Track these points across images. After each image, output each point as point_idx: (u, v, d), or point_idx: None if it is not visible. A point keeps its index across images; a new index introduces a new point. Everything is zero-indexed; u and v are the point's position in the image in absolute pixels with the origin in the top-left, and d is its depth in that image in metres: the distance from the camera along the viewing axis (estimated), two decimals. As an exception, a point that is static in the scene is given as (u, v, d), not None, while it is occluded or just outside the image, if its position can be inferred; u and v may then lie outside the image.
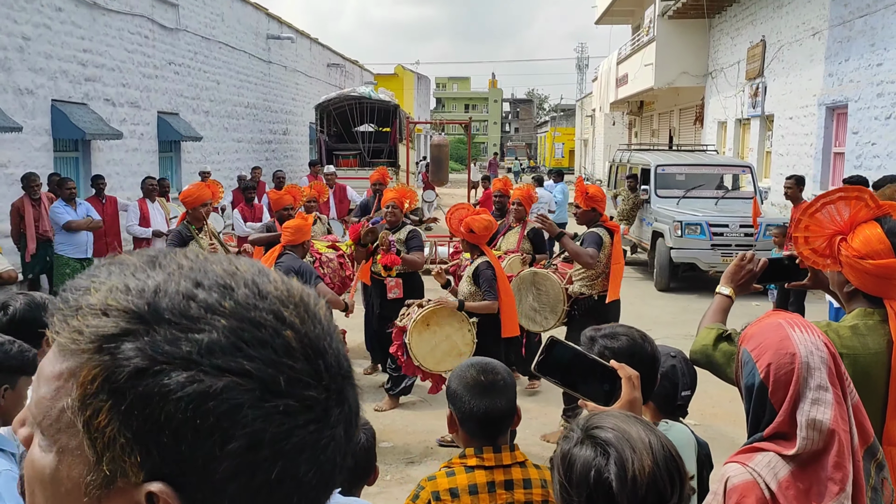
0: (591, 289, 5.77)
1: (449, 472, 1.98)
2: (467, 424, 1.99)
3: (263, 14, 18.93)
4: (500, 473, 1.97)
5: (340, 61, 26.75)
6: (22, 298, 2.57)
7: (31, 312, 2.54)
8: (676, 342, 8.52)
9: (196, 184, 6.58)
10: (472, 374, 2.01)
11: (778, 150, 14.59)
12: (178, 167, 14.25)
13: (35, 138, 9.52)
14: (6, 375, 2.13)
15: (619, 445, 1.29)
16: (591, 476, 1.28)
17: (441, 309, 5.04)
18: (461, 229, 5.26)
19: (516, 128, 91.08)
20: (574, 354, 1.87)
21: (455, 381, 2.02)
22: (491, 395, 1.97)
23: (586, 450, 1.29)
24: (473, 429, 1.99)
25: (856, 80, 11.27)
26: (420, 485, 2.01)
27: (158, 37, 13.05)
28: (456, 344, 4.99)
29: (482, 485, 1.95)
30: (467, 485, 1.94)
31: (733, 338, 2.33)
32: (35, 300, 2.58)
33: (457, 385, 2.01)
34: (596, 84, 32.01)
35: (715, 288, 2.54)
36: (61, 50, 10.13)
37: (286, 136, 21.01)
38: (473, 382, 1.98)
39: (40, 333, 2.21)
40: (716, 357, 2.32)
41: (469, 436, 2.00)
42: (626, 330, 2.08)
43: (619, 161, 14.93)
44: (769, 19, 15.13)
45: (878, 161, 10.38)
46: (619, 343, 2.01)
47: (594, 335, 2.06)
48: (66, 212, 8.36)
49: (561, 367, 1.87)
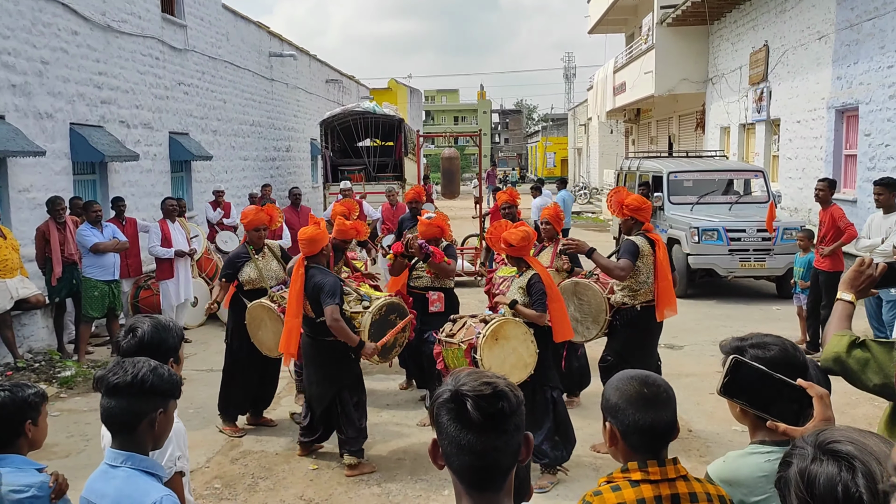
0: (634, 299, 5.77)
1: (614, 487, 1.94)
2: (631, 438, 1.95)
3: (265, 32, 18.98)
4: (665, 487, 1.93)
5: (338, 77, 26.81)
6: (149, 321, 2.59)
7: (159, 335, 2.55)
8: (705, 348, 8.63)
9: (253, 208, 6.63)
10: (634, 386, 1.97)
11: (786, 154, 14.70)
12: (189, 186, 14.22)
13: (55, 162, 9.48)
14: (161, 399, 2.13)
15: (863, 458, 1.28)
16: (839, 491, 1.26)
17: (506, 322, 5.04)
18: (501, 245, 5.26)
19: (506, 138, 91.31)
20: (760, 375, 1.85)
21: (615, 394, 1.98)
22: (656, 408, 1.94)
23: (828, 466, 1.27)
24: (637, 442, 1.95)
25: (866, 83, 11.38)
26: (586, 500, 1.96)
27: (168, 58, 13.05)
28: (522, 356, 4.99)
29: (649, 499, 1.91)
30: (635, 499, 1.91)
31: (867, 344, 2.34)
32: (161, 323, 2.59)
33: (618, 398, 1.97)
34: (591, 93, 32.17)
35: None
36: (78, 73, 10.11)
37: (289, 152, 21.01)
38: (637, 395, 1.95)
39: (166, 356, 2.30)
40: (850, 364, 2.32)
41: (631, 450, 1.96)
42: (774, 339, 2.05)
43: (627, 169, 15.00)
44: (771, 24, 15.28)
45: (893, 162, 10.48)
46: (771, 353, 1.99)
47: (741, 345, 2.03)
48: (94, 234, 8.33)
49: (747, 387, 1.85)
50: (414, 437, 6.18)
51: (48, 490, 2.38)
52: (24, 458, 2.49)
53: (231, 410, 6.40)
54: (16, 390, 2.50)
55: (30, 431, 2.50)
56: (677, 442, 3.87)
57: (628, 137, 30.08)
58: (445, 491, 5.12)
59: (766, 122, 15.70)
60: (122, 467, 2.14)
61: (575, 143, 45.86)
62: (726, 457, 2.14)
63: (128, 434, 2.14)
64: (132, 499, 2.09)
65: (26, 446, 2.51)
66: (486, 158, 72.61)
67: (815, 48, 13.19)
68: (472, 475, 1.45)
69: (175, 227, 9.34)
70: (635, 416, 1.93)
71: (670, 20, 18.60)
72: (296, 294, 5.30)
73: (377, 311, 5.42)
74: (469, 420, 1.41)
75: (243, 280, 6.30)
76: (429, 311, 6.45)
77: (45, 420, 2.59)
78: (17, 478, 2.39)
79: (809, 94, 13.47)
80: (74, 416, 6.86)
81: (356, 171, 17.00)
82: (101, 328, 9.52)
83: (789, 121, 14.48)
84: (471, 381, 1.45)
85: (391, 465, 5.62)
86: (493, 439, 1.42)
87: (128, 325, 2.60)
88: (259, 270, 6.29)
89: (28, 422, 2.49)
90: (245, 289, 6.31)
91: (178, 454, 2.57)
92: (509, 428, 1.44)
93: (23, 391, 2.50)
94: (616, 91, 25.26)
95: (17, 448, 2.48)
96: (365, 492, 5.20)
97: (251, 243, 6.39)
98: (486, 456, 1.43)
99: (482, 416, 1.41)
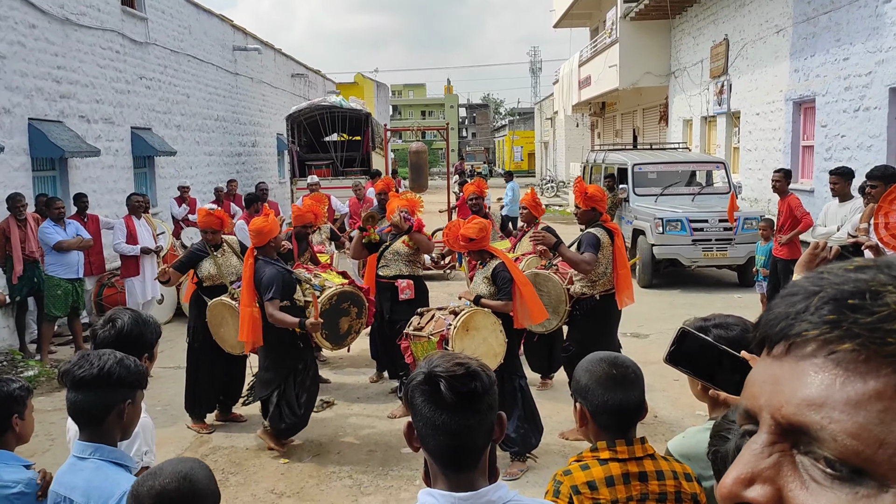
0: (593, 288, 5.86)
1: (583, 466, 2.00)
2: (600, 418, 2.01)
3: (229, 26, 18.75)
4: (633, 465, 1.99)
5: (304, 71, 26.60)
6: (129, 314, 2.59)
7: (138, 327, 2.55)
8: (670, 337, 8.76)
9: (204, 210, 6.62)
10: (603, 367, 2.03)
11: (746, 146, 14.99)
12: (152, 182, 14.02)
13: (14, 158, 9.29)
14: (128, 390, 2.13)
15: None
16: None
17: (476, 312, 5.09)
18: (460, 243, 5.28)
19: (473, 133, 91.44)
20: (704, 345, 1.92)
21: (584, 375, 2.04)
22: (624, 388, 2.00)
23: None
24: (606, 422, 2.01)
25: (822, 75, 11.66)
26: (557, 479, 2.02)
27: (129, 51, 12.85)
28: (492, 345, 5.05)
29: (618, 476, 1.97)
30: (604, 477, 1.97)
31: None
32: (141, 316, 2.60)
33: (588, 379, 2.03)
34: (557, 87, 32.40)
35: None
36: (36, 67, 9.91)
37: (255, 147, 20.82)
38: (606, 376, 2.01)
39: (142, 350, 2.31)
40: None
41: (601, 429, 2.03)
42: (736, 320, 2.12)
43: (593, 161, 15.15)
44: (731, 18, 15.55)
45: (849, 153, 10.76)
46: (733, 332, 2.05)
47: (705, 325, 2.09)
48: (56, 232, 8.19)
49: (691, 358, 1.93)
50: (385, 429, 6.21)
51: (36, 487, 2.36)
52: (11, 454, 2.46)
53: (198, 409, 6.37)
54: (1, 385, 2.46)
55: (17, 426, 2.48)
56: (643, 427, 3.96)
57: (594, 131, 30.36)
58: (417, 481, 5.16)
59: (727, 114, 15.99)
60: (90, 459, 2.14)
61: (542, 136, 46.15)
62: (685, 432, 2.21)
63: (97, 426, 2.14)
64: (102, 490, 2.09)
65: (14, 441, 2.48)
66: (453, 153, 72.65)
67: (774, 41, 13.46)
68: (447, 455, 1.49)
69: (141, 224, 9.22)
70: (605, 397, 1.99)
71: (633, 14, 18.81)
72: (246, 284, 5.48)
73: (327, 301, 5.57)
74: (443, 400, 1.45)
75: (203, 276, 6.25)
76: (399, 300, 6.43)
77: (30, 414, 2.56)
78: (4, 473, 2.38)
79: (768, 86, 13.74)
80: (39, 416, 6.68)
81: (323, 165, 16.90)
82: (63, 327, 9.36)
83: (749, 113, 14.76)
84: (444, 363, 1.49)
85: (362, 458, 5.65)
86: (467, 418, 1.47)
87: (107, 316, 2.61)
88: (218, 266, 6.25)
89: (14, 416, 2.47)
90: (205, 285, 6.27)
91: (144, 449, 2.57)
92: (482, 407, 1.49)
93: (7, 385, 2.47)
94: (581, 85, 25.47)
95: (4, 443, 2.45)
96: (336, 484, 5.22)
97: (207, 242, 6.34)
98: (461, 435, 1.47)
99: (456, 396, 1.45)
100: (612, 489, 1.97)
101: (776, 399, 0.58)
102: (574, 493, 1.96)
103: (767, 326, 0.62)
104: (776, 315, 0.61)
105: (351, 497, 5.03)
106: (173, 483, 1.66)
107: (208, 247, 6.32)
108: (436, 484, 1.52)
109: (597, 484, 1.97)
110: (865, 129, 10.42)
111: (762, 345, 0.63)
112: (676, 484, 2.01)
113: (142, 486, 1.68)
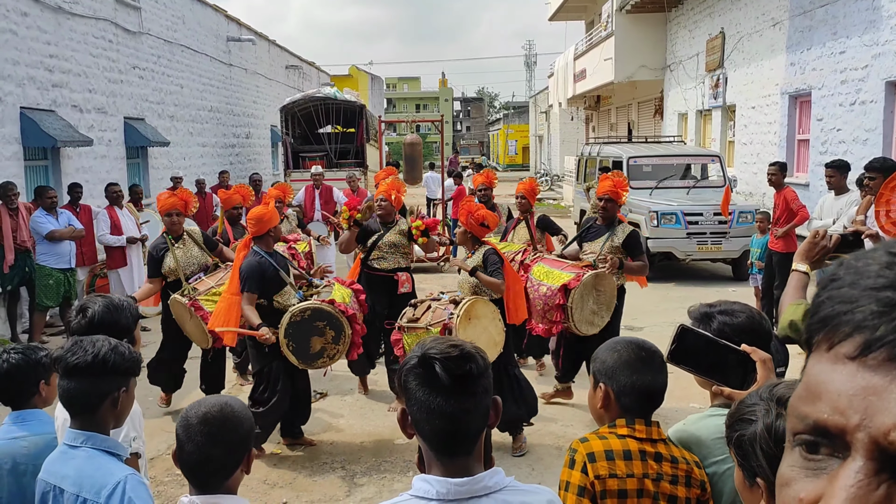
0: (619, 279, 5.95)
1: (601, 436, 2.00)
2: (625, 399, 2.00)
3: (223, 16, 18.63)
4: (649, 445, 1.99)
5: (298, 63, 26.47)
6: (100, 301, 2.55)
7: (110, 315, 2.52)
8: (664, 329, 8.77)
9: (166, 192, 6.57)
10: (632, 349, 2.03)
11: (741, 140, 14.99)
12: (145, 173, 13.93)
13: (5, 147, 9.20)
14: (122, 378, 2.10)
15: None
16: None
17: (477, 301, 5.04)
18: (471, 221, 5.22)
19: (468, 126, 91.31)
20: (706, 341, 1.90)
21: (611, 356, 2.03)
22: (652, 370, 2.01)
23: None
24: (630, 404, 2.01)
25: (818, 69, 11.65)
26: (573, 448, 2.01)
27: (122, 41, 12.74)
28: (492, 335, 4.99)
29: (635, 451, 1.97)
30: (622, 450, 1.97)
31: None
32: (113, 302, 2.56)
33: (614, 361, 2.02)
34: (552, 80, 32.35)
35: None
36: (28, 56, 9.81)
37: (249, 139, 20.72)
38: (636, 357, 2.01)
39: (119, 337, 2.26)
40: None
41: (624, 411, 2.02)
42: (742, 307, 2.11)
43: (588, 155, 15.13)
44: (727, 11, 15.53)
45: (845, 146, 10.76)
46: (738, 320, 2.03)
47: (710, 311, 2.07)
48: (49, 221, 8.13)
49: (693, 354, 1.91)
50: (378, 420, 6.19)
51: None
52: (43, 411, 2.70)
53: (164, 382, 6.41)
54: (29, 352, 2.70)
55: (43, 391, 2.69)
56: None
57: (589, 124, 30.33)
58: (410, 472, 5.15)
59: (722, 108, 15.98)
60: (82, 447, 2.10)
61: (536, 130, 46.11)
62: (686, 420, 2.20)
63: (89, 414, 2.11)
64: (94, 479, 2.05)
65: (41, 404, 2.71)
66: (448, 146, 72.59)
67: (770, 35, 13.45)
68: (442, 440, 1.46)
69: (124, 214, 9.18)
70: (632, 378, 1.99)
71: (629, 7, 18.77)
72: (234, 271, 5.32)
73: (299, 313, 5.10)
74: (438, 382, 1.42)
75: (164, 271, 6.16)
76: (398, 293, 6.35)
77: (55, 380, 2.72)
78: (49, 426, 2.62)
79: (764, 80, 13.73)
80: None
81: (317, 157, 16.83)
82: (55, 317, 9.30)
83: (744, 107, 14.76)
84: (438, 345, 1.47)
85: (355, 448, 5.63)
86: (462, 401, 1.44)
87: (79, 305, 2.58)
88: (177, 260, 6.12)
89: (41, 381, 2.67)
90: (168, 280, 6.17)
91: (133, 435, 2.54)
92: (478, 390, 1.46)
93: (35, 353, 2.71)
94: (576, 78, 25.43)
95: (32, 405, 2.69)
96: (329, 475, 5.20)
97: (169, 231, 6.24)
98: (457, 419, 1.44)
99: (451, 378, 1.42)
100: (629, 463, 1.96)
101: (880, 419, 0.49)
102: (589, 462, 1.94)
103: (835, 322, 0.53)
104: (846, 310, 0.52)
105: (344, 488, 5.01)
106: (216, 408, 1.92)
107: (169, 238, 6.20)
108: (431, 470, 1.50)
109: (614, 455, 1.96)
110: (861, 122, 10.42)
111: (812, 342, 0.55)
112: (688, 469, 2.01)
113: (190, 411, 1.93)
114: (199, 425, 1.87)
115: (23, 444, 2.54)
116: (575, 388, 6.35)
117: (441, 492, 1.44)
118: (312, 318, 5.11)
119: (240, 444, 1.93)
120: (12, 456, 2.52)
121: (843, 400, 0.52)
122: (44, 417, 2.69)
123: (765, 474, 1.32)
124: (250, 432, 1.99)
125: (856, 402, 0.50)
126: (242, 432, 1.94)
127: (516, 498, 1.49)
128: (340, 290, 5.51)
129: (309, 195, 11.71)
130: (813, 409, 0.54)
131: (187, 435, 1.88)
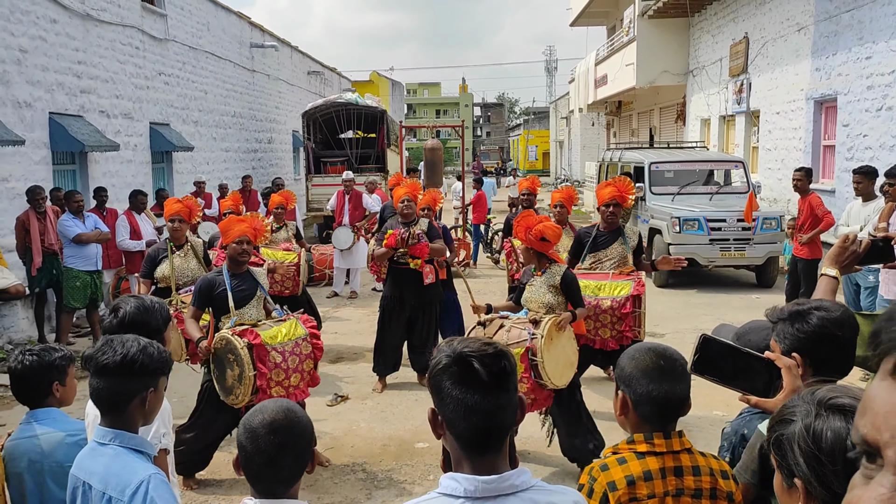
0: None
1: (620, 460, 1.96)
2: (642, 408, 1.97)
3: (247, 23, 18.83)
4: (670, 459, 1.95)
5: (320, 69, 26.65)
6: (132, 301, 2.58)
7: (141, 316, 2.55)
8: (686, 336, 8.72)
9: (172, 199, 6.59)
10: (650, 357, 1.98)
11: (765, 145, 14.84)
12: (170, 177, 14.11)
13: (35, 151, 9.37)
14: (151, 378, 2.13)
15: None
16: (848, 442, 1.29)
17: (552, 322, 4.80)
18: (530, 238, 4.96)
19: (488, 132, 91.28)
20: (728, 350, 1.88)
21: (630, 363, 2.00)
22: (671, 380, 1.95)
23: (833, 420, 1.29)
24: (648, 413, 1.97)
25: (844, 74, 11.52)
26: (591, 475, 1.97)
27: (148, 47, 12.92)
28: (569, 355, 4.85)
29: (655, 471, 1.93)
30: (641, 472, 1.93)
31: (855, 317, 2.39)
32: (145, 304, 2.59)
33: (633, 368, 1.98)
34: (573, 85, 32.25)
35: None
36: (57, 62, 9.99)
37: (271, 144, 20.89)
38: (654, 366, 1.96)
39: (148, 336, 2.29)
40: None
41: (642, 419, 1.98)
42: (829, 302, 2.06)
43: (610, 160, 15.08)
44: (751, 16, 15.41)
45: (871, 152, 10.62)
46: (835, 314, 1.98)
47: (802, 309, 2.01)
48: (76, 224, 8.26)
49: (716, 364, 1.88)
50: (399, 424, 6.20)
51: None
52: (60, 410, 2.74)
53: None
54: (43, 354, 2.71)
55: (57, 391, 2.71)
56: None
57: (609, 130, 30.21)
58: (431, 476, 5.15)
59: (746, 113, 15.84)
60: (110, 445, 2.13)
61: (556, 135, 46.01)
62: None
63: (118, 413, 2.13)
64: (120, 477, 2.07)
65: (56, 404, 2.74)
66: (468, 152, 72.57)
67: (795, 39, 13.32)
68: (477, 437, 1.48)
69: (142, 219, 9.34)
70: (649, 387, 1.95)
71: (651, 12, 18.68)
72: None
73: (219, 340, 4.72)
74: (476, 379, 1.45)
75: (157, 277, 6.16)
76: (424, 284, 6.66)
77: (72, 380, 2.81)
78: (67, 425, 2.67)
79: (789, 85, 13.60)
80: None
81: (338, 162, 16.93)
82: (81, 319, 9.43)
83: (769, 112, 14.62)
84: (471, 344, 1.50)
85: (376, 451, 5.65)
86: (497, 397, 1.47)
87: (113, 304, 2.62)
88: (172, 269, 6.10)
89: (55, 383, 2.70)
90: (159, 286, 6.17)
91: (163, 431, 2.57)
92: (511, 387, 1.50)
93: (50, 355, 2.71)
94: (597, 83, 25.34)
95: (48, 406, 2.72)
96: (350, 477, 5.21)
97: (171, 238, 6.26)
98: (493, 415, 1.47)
99: (488, 374, 1.45)
100: (650, 483, 1.93)
101: None
102: (610, 490, 1.92)
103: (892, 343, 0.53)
104: None
105: (364, 490, 5.02)
106: (280, 414, 1.87)
107: (170, 246, 6.23)
108: (459, 469, 1.51)
109: (635, 479, 1.93)
110: (888, 128, 10.29)
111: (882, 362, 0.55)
112: (712, 480, 1.97)
113: (253, 420, 1.88)
114: (267, 435, 1.83)
115: (36, 443, 2.60)
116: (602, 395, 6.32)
117: (469, 489, 1.46)
118: (226, 349, 4.68)
119: (307, 448, 1.91)
120: (27, 454, 2.58)
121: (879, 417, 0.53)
122: (58, 416, 2.72)
123: (802, 473, 1.31)
124: (313, 434, 1.96)
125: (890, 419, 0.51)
126: (308, 436, 1.92)
127: (543, 497, 1.50)
128: (290, 329, 4.91)
129: (339, 200, 11.83)
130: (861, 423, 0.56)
131: (255, 446, 1.83)
